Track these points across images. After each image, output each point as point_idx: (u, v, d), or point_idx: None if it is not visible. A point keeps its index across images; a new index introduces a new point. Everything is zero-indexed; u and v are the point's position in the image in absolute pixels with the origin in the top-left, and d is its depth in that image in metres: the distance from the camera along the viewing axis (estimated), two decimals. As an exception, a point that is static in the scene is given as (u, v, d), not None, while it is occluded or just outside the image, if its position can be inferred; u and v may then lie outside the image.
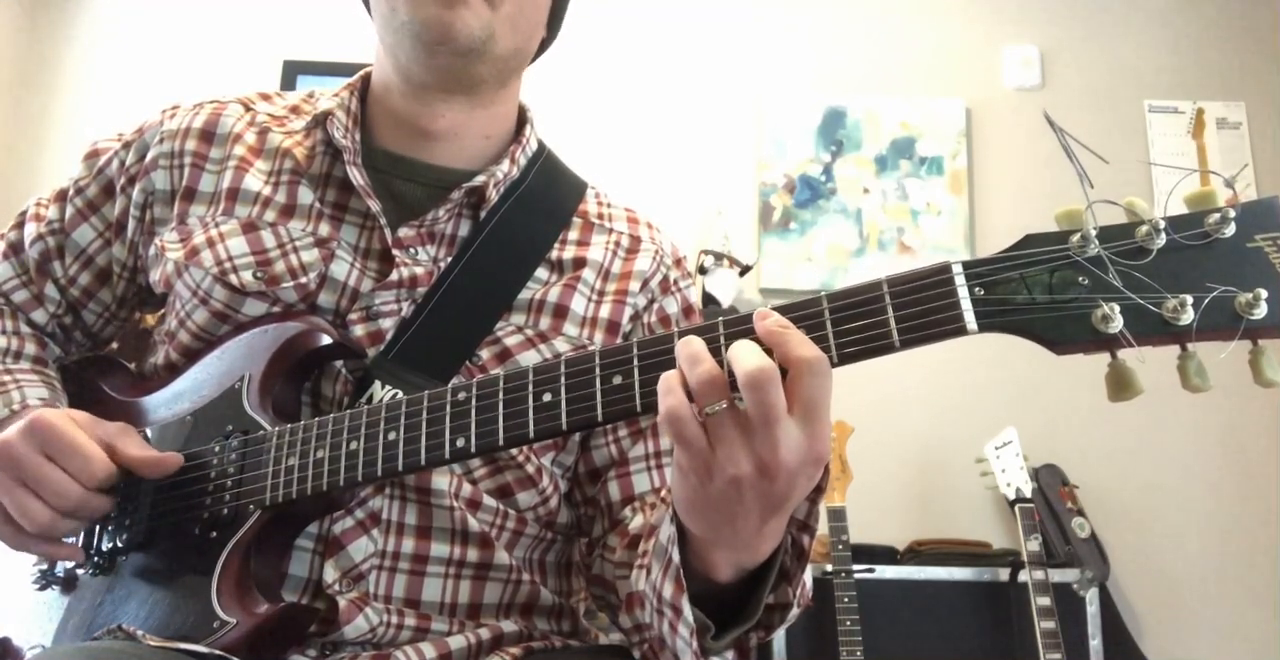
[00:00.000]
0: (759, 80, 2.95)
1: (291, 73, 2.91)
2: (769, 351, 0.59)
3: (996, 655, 2.15)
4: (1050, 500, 2.39)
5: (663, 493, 0.82)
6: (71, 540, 0.84)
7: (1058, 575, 2.16)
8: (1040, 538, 2.16)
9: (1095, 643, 2.16)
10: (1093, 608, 2.17)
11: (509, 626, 0.84)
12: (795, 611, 0.71)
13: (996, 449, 2.35)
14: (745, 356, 0.58)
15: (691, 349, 0.60)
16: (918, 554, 2.34)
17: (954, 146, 2.86)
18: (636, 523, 0.84)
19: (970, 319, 0.58)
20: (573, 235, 0.95)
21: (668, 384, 0.60)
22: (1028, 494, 2.23)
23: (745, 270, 2.63)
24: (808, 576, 0.72)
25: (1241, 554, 2.59)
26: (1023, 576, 2.15)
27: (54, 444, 0.78)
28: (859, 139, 2.88)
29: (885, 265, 2.78)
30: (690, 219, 2.71)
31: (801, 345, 0.58)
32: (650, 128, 2.90)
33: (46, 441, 0.78)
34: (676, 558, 0.66)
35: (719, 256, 2.60)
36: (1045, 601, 2.07)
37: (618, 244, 0.97)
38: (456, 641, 0.80)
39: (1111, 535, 2.45)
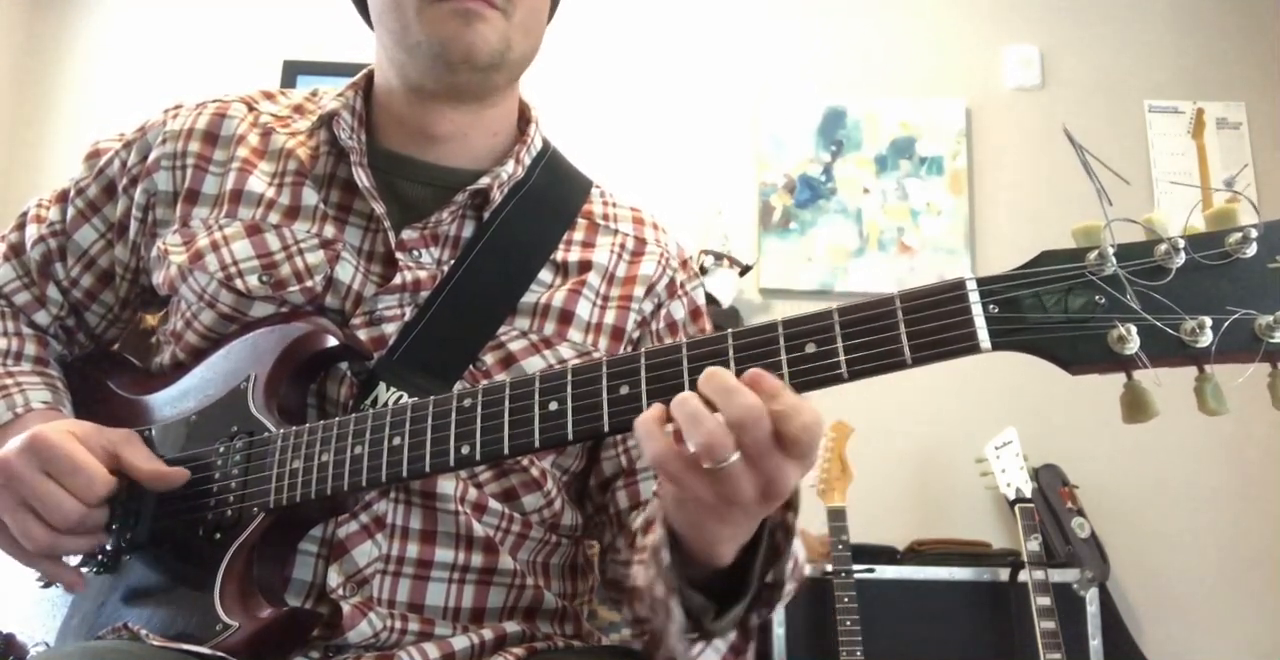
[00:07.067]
0: (759, 80, 2.94)
1: (291, 73, 2.90)
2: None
3: (996, 655, 2.15)
4: (1050, 500, 2.39)
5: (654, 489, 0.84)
6: (75, 560, 0.84)
7: (1058, 575, 2.16)
8: (1040, 538, 2.16)
9: (1095, 643, 2.15)
10: (1093, 608, 2.17)
11: (512, 627, 0.84)
12: (790, 587, 0.72)
13: (996, 449, 2.34)
14: (731, 402, 0.58)
15: (689, 408, 0.59)
16: (918, 554, 2.34)
17: (954, 146, 2.85)
18: (635, 522, 0.84)
19: (984, 337, 0.57)
20: (578, 236, 0.94)
21: (662, 446, 0.60)
22: (1028, 494, 2.22)
23: (745, 270, 2.63)
24: (800, 552, 0.74)
25: (1242, 554, 2.59)
26: (1023, 576, 2.14)
27: (54, 462, 0.77)
28: (859, 139, 2.88)
29: (885, 265, 2.78)
30: (690, 219, 2.71)
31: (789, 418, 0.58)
32: (650, 128, 2.89)
33: (47, 459, 0.77)
34: (666, 559, 0.67)
35: (719, 256, 2.60)
36: (1045, 601, 2.07)
37: (623, 247, 0.95)
38: (460, 642, 0.80)
39: (1111, 535, 2.45)
